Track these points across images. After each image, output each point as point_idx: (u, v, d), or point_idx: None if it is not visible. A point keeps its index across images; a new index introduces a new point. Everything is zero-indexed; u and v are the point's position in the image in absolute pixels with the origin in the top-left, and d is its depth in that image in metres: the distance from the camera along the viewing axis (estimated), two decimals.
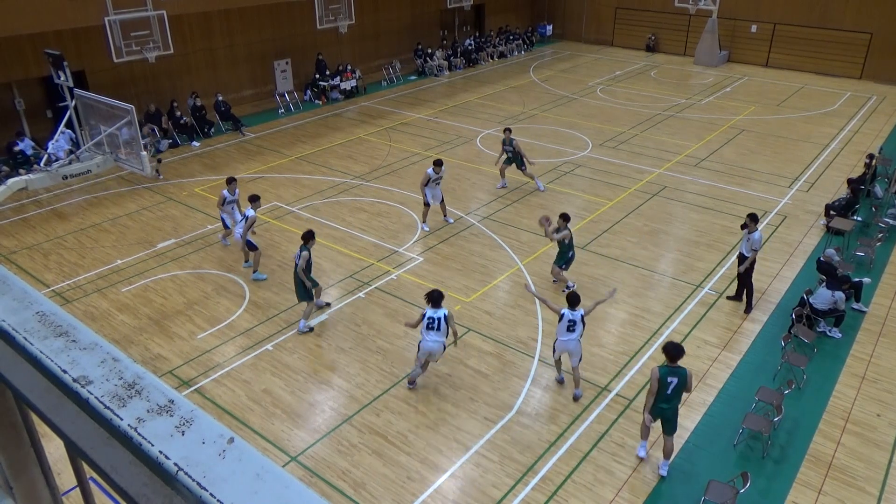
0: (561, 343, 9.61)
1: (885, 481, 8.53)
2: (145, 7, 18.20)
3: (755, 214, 11.76)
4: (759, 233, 11.63)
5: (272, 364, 10.61)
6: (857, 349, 11.18)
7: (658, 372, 8.07)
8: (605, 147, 20.45)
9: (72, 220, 15.72)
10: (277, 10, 24.36)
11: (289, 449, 8.95)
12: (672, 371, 8.08)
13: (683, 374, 8.09)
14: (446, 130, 21.99)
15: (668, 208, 16.28)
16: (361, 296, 12.47)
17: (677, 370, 8.09)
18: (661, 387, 8.07)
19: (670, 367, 8.09)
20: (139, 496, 1.02)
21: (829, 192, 17.14)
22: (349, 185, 17.57)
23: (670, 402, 8.23)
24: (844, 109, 24.60)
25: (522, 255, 13.92)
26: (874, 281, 13.15)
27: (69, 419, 1.13)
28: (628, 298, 12.48)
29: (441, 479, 8.48)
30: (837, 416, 9.64)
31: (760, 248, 11.90)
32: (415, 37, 30.06)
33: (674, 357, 8.07)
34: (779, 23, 30.11)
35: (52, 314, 1.26)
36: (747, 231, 11.68)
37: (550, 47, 35.43)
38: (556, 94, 26.30)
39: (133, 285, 12.87)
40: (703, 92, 26.88)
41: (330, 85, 25.57)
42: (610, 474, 8.58)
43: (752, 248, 11.61)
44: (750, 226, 11.59)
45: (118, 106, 12.59)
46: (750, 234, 11.59)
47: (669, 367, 8.10)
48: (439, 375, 10.32)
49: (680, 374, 8.08)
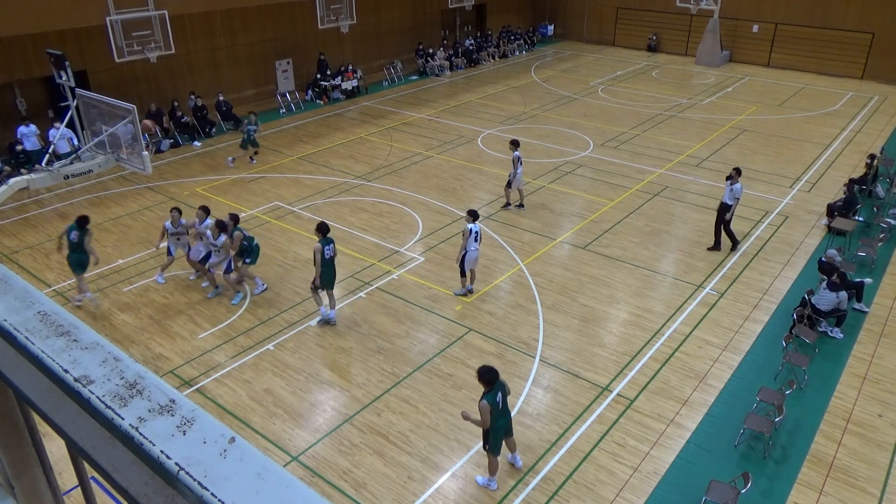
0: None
1: (887, 482, 8.52)
2: (147, 7, 18.21)
3: (739, 168, 13.90)
4: (740, 184, 13.68)
5: (273, 364, 10.62)
6: (858, 349, 11.17)
7: (486, 400, 7.71)
8: (606, 147, 20.44)
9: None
10: (279, 10, 24.37)
11: (290, 449, 8.95)
12: (495, 391, 7.84)
13: (503, 385, 7.95)
14: (448, 130, 21.99)
15: (670, 208, 16.27)
16: (362, 295, 12.47)
17: (500, 386, 7.90)
18: (493, 409, 7.78)
19: (492, 391, 7.81)
20: (140, 496, 1.02)
21: (831, 192, 17.12)
22: (350, 185, 17.57)
23: (507, 416, 8.12)
24: (846, 109, 24.57)
25: (523, 256, 13.92)
26: (875, 281, 13.14)
27: (70, 419, 1.13)
28: (630, 299, 12.47)
29: (442, 479, 8.48)
30: (839, 417, 9.63)
31: (741, 198, 13.98)
32: (416, 37, 30.07)
33: (490, 382, 7.76)
34: (780, 23, 30.09)
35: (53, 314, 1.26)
36: (730, 182, 13.62)
37: (552, 47, 35.42)
38: (558, 94, 26.29)
39: (134, 285, 12.88)
40: (704, 92, 26.86)
41: (331, 85, 25.58)
42: (611, 474, 8.57)
43: (734, 197, 13.62)
44: (734, 178, 13.61)
45: (119, 105, 12.60)
46: (733, 185, 13.60)
47: (492, 391, 7.80)
48: (441, 375, 10.32)
49: (503, 389, 7.95)
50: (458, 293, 12.40)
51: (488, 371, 7.77)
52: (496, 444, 8.09)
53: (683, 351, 10.99)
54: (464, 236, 11.78)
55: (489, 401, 7.70)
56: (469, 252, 11.79)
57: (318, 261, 10.91)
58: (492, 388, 7.78)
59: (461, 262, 12.01)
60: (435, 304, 12.19)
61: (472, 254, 11.84)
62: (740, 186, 13.68)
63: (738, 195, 13.67)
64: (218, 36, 23.10)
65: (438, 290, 12.64)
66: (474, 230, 11.76)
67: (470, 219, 11.82)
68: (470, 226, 11.72)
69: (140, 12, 18.10)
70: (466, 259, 11.89)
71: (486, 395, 7.74)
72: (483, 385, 7.79)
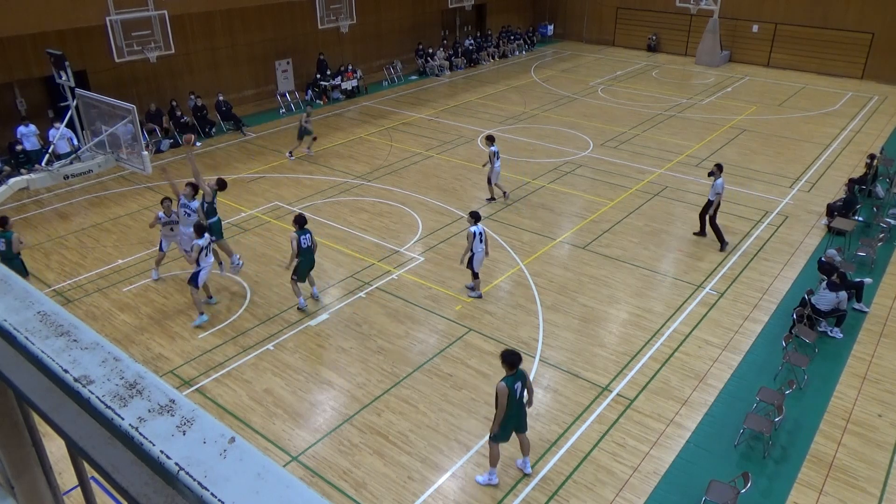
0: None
1: (887, 482, 8.52)
2: (147, 7, 18.21)
3: (721, 164, 14.15)
4: (721, 180, 13.87)
5: (273, 364, 10.62)
6: (858, 349, 11.17)
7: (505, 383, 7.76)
8: (606, 147, 20.44)
9: (73, 219, 15.74)
10: (279, 10, 24.37)
11: (290, 449, 8.95)
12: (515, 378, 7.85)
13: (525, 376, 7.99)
14: (447, 130, 21.99)
15: (670, 208, 16.27)
16: (362, 295, 12.47)
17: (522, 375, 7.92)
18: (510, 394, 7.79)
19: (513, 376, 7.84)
20: (140, 496, 1.02)
21: (831, 192, 17.12)
22: (350, 185, 17.57)
23: (521, 408, 8.12)
24: (846, 109, 24.57)
25: (523, 255, 13.92)
26: (875, 281, 13.14)
27: (70, 419, 1.13)
28: (630, 299, 12.47)
29: (442, 479, 8.48)
30: (839, 417, 9.63)
31: (723, 193, 14.08)
32: (416, 37, 30.07)
33: (512, 364, 7.79)
34: (780, 23, 30.09)
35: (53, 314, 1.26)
36: (713, 178, 13.92)
37: (551, 47, 35.42)
38: (558, 94, 26.29)
39: (134, 285, 12.88)
40: (704, 92, 26.87)
41: (331, 85, 25.58)
42: (611, 474, 8.57)
43: (716, 193, 13.87)
44: (716, 174, 13.87)
45: (119, 105, 12.60)
46: (715, 181, 13.86)
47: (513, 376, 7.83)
48: (441, 375, 10.32)
49: (524, 380, 7.97)
50: (473, 295, 12.41)
51: (511, 354, 7.80)
52: (503, 433, 8.11)
53: (683, 351, 10.99)
54: (468, 240, 11.81)
55: (507, 384, 7.74)
56: (476, 254, 11.91)
57: (295, 248, 11.48)
58: (513, 374, 7.80)
59: (470, 264, 12.06)
60: (435, 304, 12.19)
61: (479, 255, 11.97)
62: (722, 182, 13.86)
63: (720, 190, 13.86)
64: (218, 36, 23.10)
65: (438, 290, 12.64)
66: (478, 231, 11.79)
67: (472, 221, 11.85)
68: (473, 228, 11.73)
69: (140, 12, 18.10)
70: (475, 261, 12.00)
71: (505, 378, 7.80)
72: (505, 368, 7.82)
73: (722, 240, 14.22)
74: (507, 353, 7.83)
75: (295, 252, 11.51)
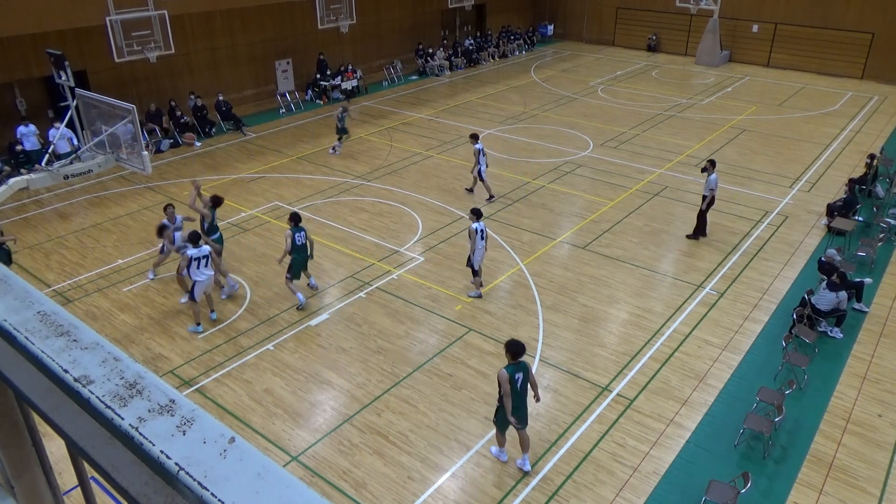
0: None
1: (887, 482, 8.52)
2: (147, 7, 18.21)
3: (714, 160, 14.26)
4: (714, 175, 14.01)
5: (273, 364, 10.62)
6: (858, 349, 11.17)
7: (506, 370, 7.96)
8: (606, 147, 20.44)
9: (73, 219, 15.74)
10: (279, 10, 24.37)
11: (290, 449, 8.95)
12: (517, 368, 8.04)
13: (528, 368, 8.15)
14: (447, 130, 21.99)
15: (670, 208, 16.27)
16: (362, 295, 12.47)
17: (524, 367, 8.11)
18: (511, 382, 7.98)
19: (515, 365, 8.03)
20: (140, 496, 1.02)
21: (831, 192, 17.12)
22: (350, 185, 17.57)
23: (522, 399, 8.25)
24: (846, 109, 24.57)
25: (523, 255, 13.92)
26: (875, 281, 13.14)
27: (70, 419, 1.13)
28: (630, 299, 12.47)
29: (442, 479, 8.48)
30: (838, 417, 9.63)
31: (717, 189, 14.24)
32: (416, 37, 30.06)
33: (515, 354, 7.98)
34: (780, 23, 30.09)
35: (53, 314, 1.26)
36: (707, 174, 14.05)
37: (551, 47, 35.41)
38: (558, 94, 26.29)
39: (134, 285, 12.88)
40: (704, 92, 26.86)
41: (331, 85, 25.57)
42: (611, 474, 8.57)
43: (709, 188, 14.04)
44: (709, 169, 14.03)
45: (119, 105, 12.59)
46: (708, 177, 14.01)
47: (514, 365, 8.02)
48: (441, 375, 10.32)
49: (526, 372, 8.13)
50: (473, 295, 12.41)
51: (514, 343, 8.00)
52: (503, 422, 8.30)
53: (683, 351, 10.99)
54: (470, 237, 11.83)
55: (509, 371, 7.92)
56: (477, 250, 11.93)
57: (289, 245, 11.57)
58: (516, 363, 7.98)
59: (470, 262, 12.09)
60: (435, 304, 12.19)
61: (479, 252, 11.98)
62: (715, 178, 14.03)
63: (713, 186, 14.03)
64: (218, 36, 23.10)
65: (438, 290, 12.64)
66: (480, 228, 11.81)
67: (474, 217, 11.87)
68: (475, 225, 11.76)
69: (140, 12, 18.10)
70: (475, 258, 12.02)
71: (507, 367, 7.98)
72: (508, 356, 8.01)
73: (702, 231, 14.44)
74: (512, 342, 8.02)
75: (288, 248, 11.60)
